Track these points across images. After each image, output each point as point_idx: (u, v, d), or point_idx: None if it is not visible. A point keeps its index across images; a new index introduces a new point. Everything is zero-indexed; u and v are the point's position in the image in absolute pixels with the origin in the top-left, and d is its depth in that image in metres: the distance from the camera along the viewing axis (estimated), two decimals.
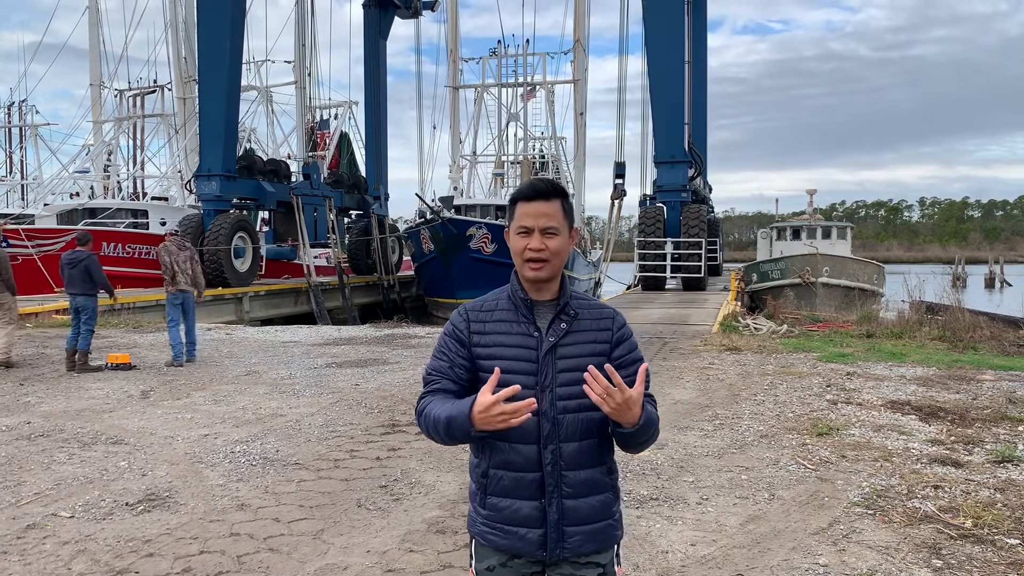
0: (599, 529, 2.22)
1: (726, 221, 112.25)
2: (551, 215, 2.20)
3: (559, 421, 2.17)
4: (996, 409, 7.85)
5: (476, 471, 2.28)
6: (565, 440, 2.18)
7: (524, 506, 2.19)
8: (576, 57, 36.20)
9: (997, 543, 4.45)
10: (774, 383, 9.46)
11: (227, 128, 25.06)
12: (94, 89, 35.23)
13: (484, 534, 2.24)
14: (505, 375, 2.15)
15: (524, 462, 2.18)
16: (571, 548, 2.19)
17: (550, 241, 2.20)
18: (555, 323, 2.22)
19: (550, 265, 2.21)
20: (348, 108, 39.52)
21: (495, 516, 2.22)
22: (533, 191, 2.24)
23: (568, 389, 2.17)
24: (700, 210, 25.68)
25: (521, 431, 2.15)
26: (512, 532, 2.20)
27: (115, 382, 9.92)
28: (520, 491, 2.19)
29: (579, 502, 2.19)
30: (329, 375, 10.45)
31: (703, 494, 5.42)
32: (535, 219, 2.20)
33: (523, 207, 2.23)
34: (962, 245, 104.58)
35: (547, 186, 2.25)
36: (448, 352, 2.27)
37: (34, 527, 4.84)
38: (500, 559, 2.23)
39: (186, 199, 30.71)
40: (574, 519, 2.18)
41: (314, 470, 6.03)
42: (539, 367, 2.18)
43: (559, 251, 2.21)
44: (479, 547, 2.28)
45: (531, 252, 2.19)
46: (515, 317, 2.24)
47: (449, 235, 25.93)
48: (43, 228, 25.10)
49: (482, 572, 2.26)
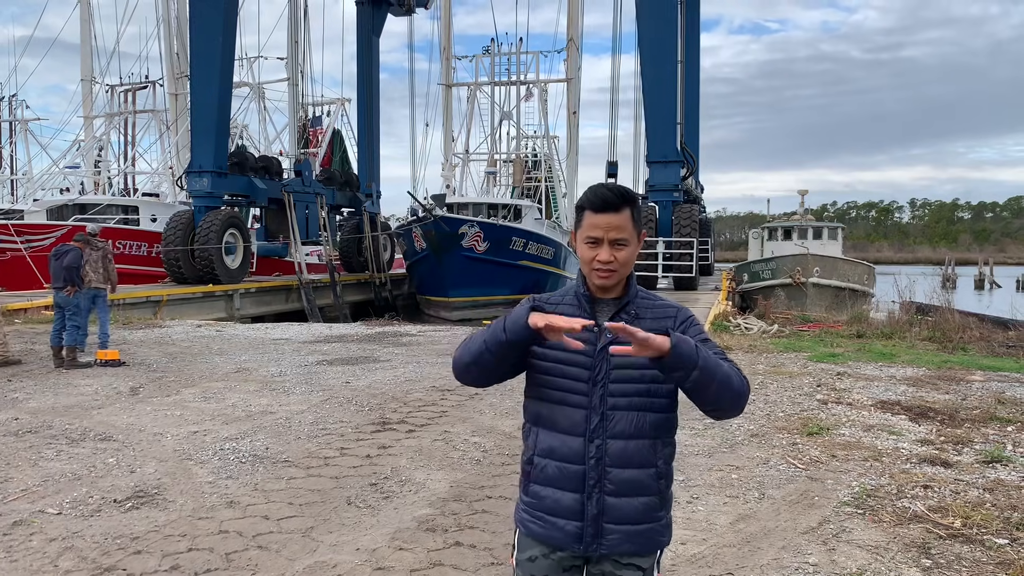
0: (640, 531, 2.20)
1: (718, 221, 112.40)
2: (621, 227, 2.17)
3: (608, 416, 2.17)
4: (985, 410, 7.88)
5: (522, 459, 2.32)
6: (612, 437, 2.18)
7: (565, 497, 2.19)
8: (569, 56, 36.17)
9: (986, 543, 4.47)
10: (765, 383, 9.48)
11: (219, 124, 24.94)
12: (85, 84, 34.99)
13: (525, 521, 2.27)
14: (560, 366, 2.20)
15: (569, 453, 2.19)
16: (608, 545, 2.18)
17: (619, 252, 2.18)
18: (615, 320, 2.20)
19: (619, 274, 2.21)
20: (341, 105, 39.40)
21: (536, 504, 2.24)
22: (603, 203, 2.18)
23: (620, 387, 2.18)
24: (692, 210, 25.73)
25: (570, 422, 2.19)
26: (551, 522, 2.21)
27: (104, 378, 9.86)
28: (563, 482, 2.20)
29: (621, 500, 2.18)
30: (320, 373, 10.42)
31: (693, 493, 5.42)
32: (605, 231, 2.17)
33: (591, 217, 2.19)
34: (952, 247, 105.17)
35: (617, 197, 2.18)
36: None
37: (21, 524, 4.81)
38: (543, 550, 2.24)
39: (177, 195, 30.60)
40: (614, 517, 2.18)
41: (304, 468, 6.01)
42: (594, 362, 2.18)
43: (627, 261, 2.21)
44: (522, 537, 2.30)
45: (600, 264, 2.18)
46: (577, 312, 2.23)
47: (441, 233, 25.89)
48: (32, 224, 24.98)
49: (523, 562, 2.28)
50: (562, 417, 2.20)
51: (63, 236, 21.07)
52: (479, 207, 31.18)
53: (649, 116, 25.62)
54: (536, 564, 2.25)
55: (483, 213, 30.47)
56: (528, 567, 2.27)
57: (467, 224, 26.59)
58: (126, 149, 36.99)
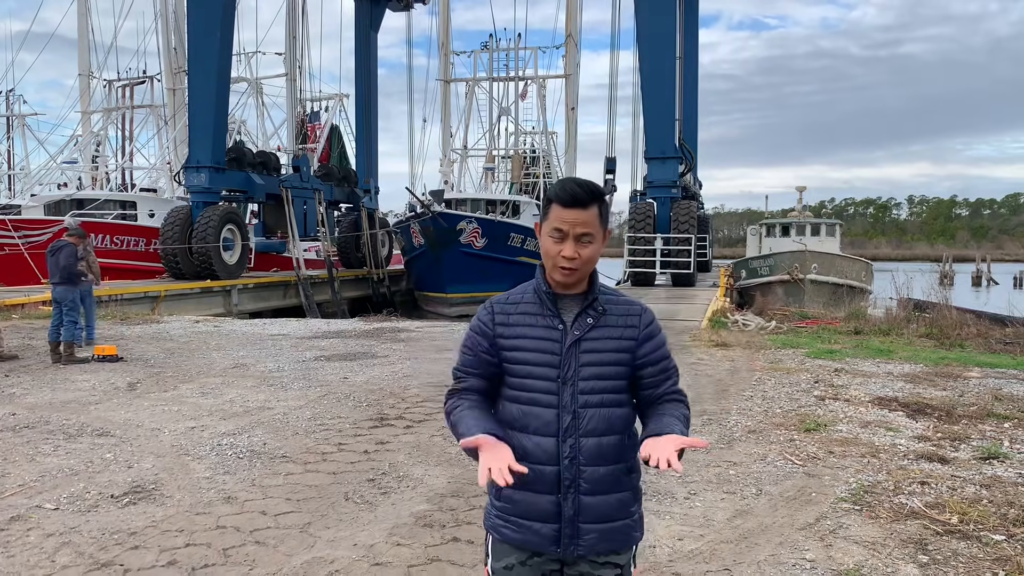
0: (616, 528, 2.19)
1: (716, 217, 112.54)
2: (587, 223, 2.15)
3: (580, 415, 2.15)
4: (982, 406, 7.89)
5: None
6: (585, 435, 2.15)
7: (540, 500, 2.15)
8: (568, 52, 36.14)
9: (983, 539, 4.47)
10: (762, 379, 9.48)
11: (217, 120, 24.90)
12: (83, 79, 34.95)
13: (498, 527, 2.21)
14: (527, 367, 2.18)
15: (542, 455, 2.15)
16: (585, 546, 2.15)
17: (583, 249, 2.15)
18: (581, 317, 2.20)
19: (580, 272, 2.18)
20: (339, 101, 39.38)
21: (510, 509, 2.19)
22: (572, 198, 2.14)
23: (591, 383, 2.16)
24: (690, 206, 25.71)
25: (541, 422, 2.16)
26: (526, 526, 2.17)
27: (102, 374, 9.86)
28: (537, 484, 2.15)
29: (596, 499, 2.15)
30: (317, 368, 10.42)
31: (691, 489, 5.42)
32: (571, 226, 2.14)
33: (559, 211, 2.16)
34: (950, 243, 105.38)
35: (585, 192, 2.15)
36: (474, 348, 2.26)
37: (18, 519, 4.80)
38: (519, 557, 2.19)
39: (175, 191, 30.56)
40: (590, 516, 2.15)
41: (301, 463, 6.01)
42: (562, 360, 2.16)
43: (591, 258, 2.18)
44: (495, 544, 2.24)
45: (563, 260, 2.15)
46: (540, 310, 2.21)
47: (439, 229, 25.89)
48: (30, 219, 24.96)
49: (499, 571, 2.22)
50: (533, 418, 2.17)
51: (60, 232, 21.03)
52: (477, 203, 31.19)
53: (647, 112, 25.59)
54: (514, 572, 2.20)
55: (481, 209, 30.46)
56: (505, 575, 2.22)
57: (465, 220, 26.59)
58: (124, 144, 36.90)
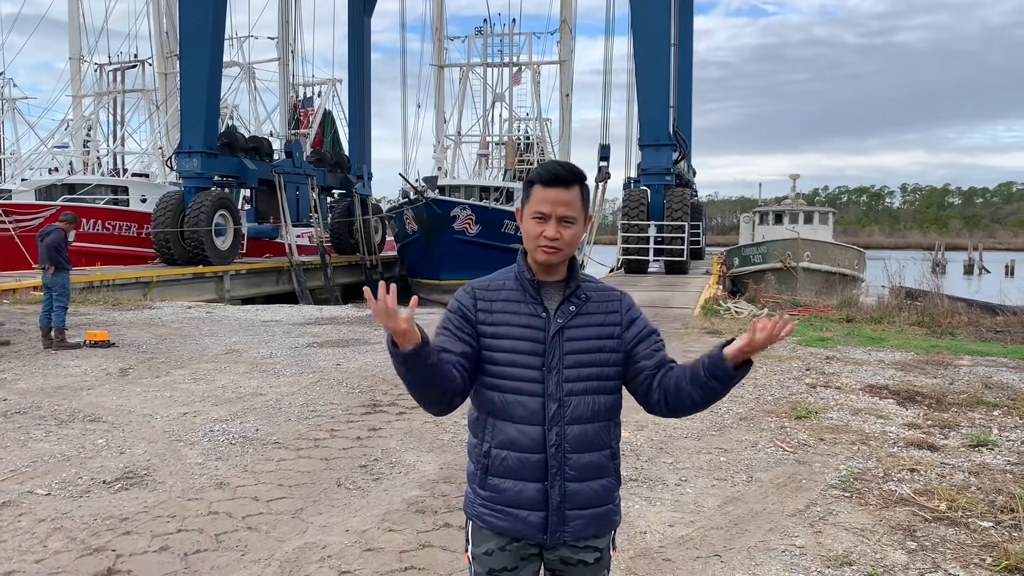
0: (600, 514, 2.21)
1: (709, 205, 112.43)
2: (569, 203, 2.15)
3: (565, 403, 2.15)
4: (972, 394, 7.94)
5: (476, 451, 2.24)
6: (570, 422, 2.16)
7: (527, 488, 2.15)
8: (562, 37, 36.06)
9: (971, 525, 4.51)
10: (754, 366, 9.50)
11: (209, 105, 24.73)
12: (74, 63, 34.62)
13: (483, 515, 2.21)
14: (511, 355, 2.17)
15: (529, 443, 2.15)
16: (572, 532, 2.17)
17: (566, 230, 2.16)
18: (564, 305, 2.20)
19: (563, 253, 2.18)
20: (332, 86, 39.14)
21: (496, 497, 2.19)
22: (553, 177, 2.15)
23: (576, 371, 2.17)
24: (684, 193, 25.68)
25: (527, 411, 2.15)
26: (513, 514, 2.17)
27: (93, 359, 9.83)
28: (523, 472, 2.15)
29: (582, 485, 2.17)
30: (310, 355, 10.41)
31: (682, 475, 5.45)
32: (552, 206, 2.14)
33: (540, 192, 2.16)
34: (942, 232, 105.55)
35: (567, 172, 2.16)
36: (452, 327, 2.21)
37: (9, 504, 4.80)
38: (499, 542, 2.20)
39: (167, 176, 30.40)
40: (576, 503, 2.16)
41: (294, 449, 6.01)
42: (546, 348, 2.16)
43: (573, 240, 2.18)
44: (476, 530, 2.24)
45: (546, 240, 2.15)
46: (522, 297, 2.20)
47: (433, 216, 25.84)
48: (21, 204, 24.80)
49: (480, 556, 2.23)
50: (519, 407, 2.16)
51: (51, 216, 20.92)
52: (471, 190, 31.12)
53: (642, 99, 25.49)
54: (494, 557, 2.20)
55: (475, 196, 30.40)
56: (486, 561, 2.22)
57: (459, 207, 26.53)
58: (115, 129, 36.71)
